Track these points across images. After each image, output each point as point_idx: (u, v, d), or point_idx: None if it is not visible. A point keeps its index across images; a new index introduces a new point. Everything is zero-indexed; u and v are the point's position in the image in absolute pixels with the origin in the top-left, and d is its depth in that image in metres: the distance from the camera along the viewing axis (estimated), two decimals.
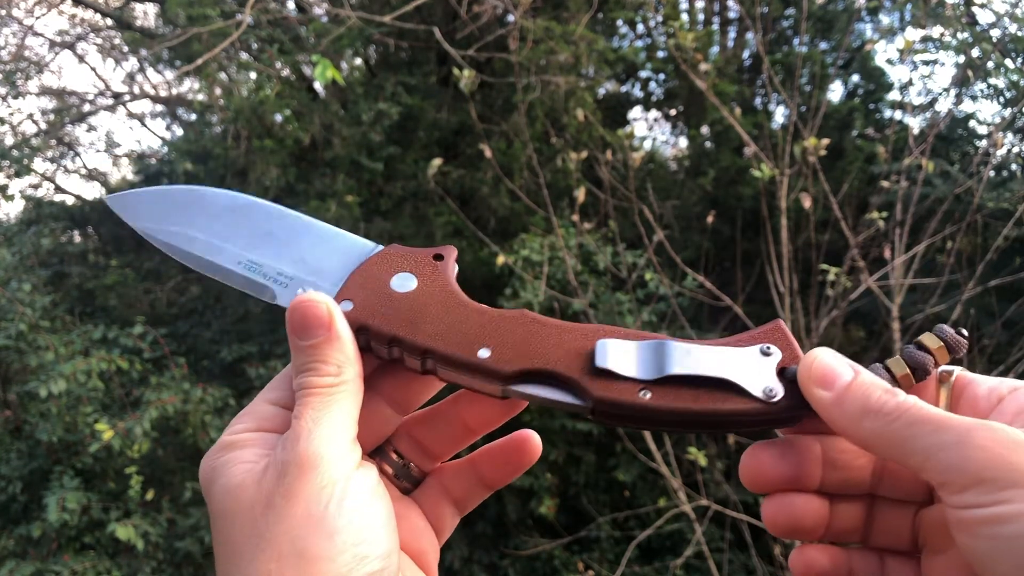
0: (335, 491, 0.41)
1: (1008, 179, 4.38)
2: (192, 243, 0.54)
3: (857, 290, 2.76)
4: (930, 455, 0.37)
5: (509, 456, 0.52)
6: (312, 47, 5.16)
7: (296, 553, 0.39)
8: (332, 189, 5.20)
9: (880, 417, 0.39)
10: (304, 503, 0.40)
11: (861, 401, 0.40)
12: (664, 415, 0.44)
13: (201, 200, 0.56)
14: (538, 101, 5.05)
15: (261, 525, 0.40)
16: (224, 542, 0.42)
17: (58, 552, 3.76)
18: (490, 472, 0.52)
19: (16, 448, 4.15)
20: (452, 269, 0.51)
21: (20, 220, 6.63)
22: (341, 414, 0.44)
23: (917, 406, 0.39)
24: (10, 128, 6.25)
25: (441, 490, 0.52)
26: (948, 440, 0.37)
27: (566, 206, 4.60)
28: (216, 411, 4.22)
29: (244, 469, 0.43)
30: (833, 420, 0.41)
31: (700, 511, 3.11)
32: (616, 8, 6.10)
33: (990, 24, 4.46)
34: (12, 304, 4.04)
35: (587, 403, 0.44)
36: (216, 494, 0.43)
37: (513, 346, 0.46)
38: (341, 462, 0.42)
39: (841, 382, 0.41)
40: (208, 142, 5.57)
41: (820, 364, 0.42)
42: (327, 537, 0.40)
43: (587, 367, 0.44)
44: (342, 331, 0.46)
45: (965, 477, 0.36)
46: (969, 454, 0.36)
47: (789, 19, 6.26)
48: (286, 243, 0.54)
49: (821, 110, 2.98)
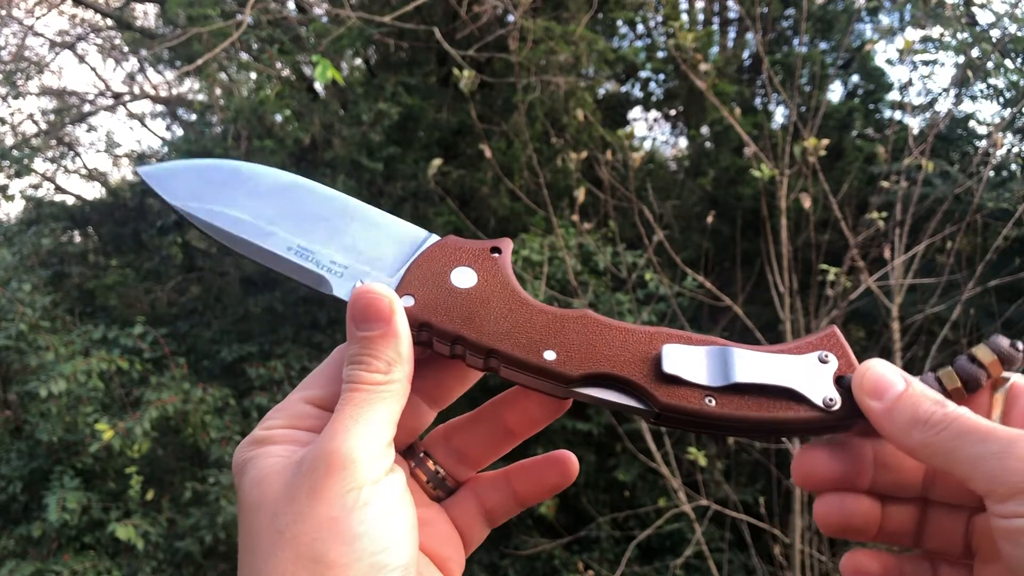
0: (361, 495, 0.40)
1: (1008, 179, 4.38)
2: (238, 225, 0.51)
3: (857, 290, 2.76)
4: (975, 465, 0.39)
5: (545, 473, 0.52)
6: (312, 47, 5.17)
7: (314, 557, 0.39)
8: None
9: (928, 428, 0.40)
10: (328, 504, 0.40)
11: (911, 412, 0.41)
12: (728, 422, 0.44)
13: (242, 177, 0.53)
14: (538, 101, 5.05)
15: (282, 522, 0.40)
16: (247, 535, 0.42)
17: (58, 552, 3.77)
18: (524, 488, 0.52)
19: (16, 448, 4.15)
20: (509, 263, 0.50)
21: (20, 220, 6.63)
22: (382, 415, 0.43)
23: (964, 417, 0.40)
24: (10, 128, 6.25)
25: (474, 500, 0.51)
26: (992, 450, 0.38)
27: (566, 206, 4.60)
28: (216, 411, 4.22)
29: (272, 463, 0.43)
30: (884, 429, 0.42)
31: (700, 511, 3.11)
32: (616, 8, 6.11)
33: (990, 24, 4.47)
34: (12, 304, 4.04)
35: (652, 408, 0.45)
36: (244, 486, 0.43)
37: (578, 349, 0.46)
38: (372, 465, 0.42)
39: (892, 393, 0.42)
40: (208, 142, 5.57)
41: (873, 375, 0.43)
42: (347, 542, 0.39)
43: (653, 372, 0.45)
44: (401, 328, 0.45)
45: (1007, 487, 0.37)
46: (1012, 464, 0.37)
47: (789, 19, 6.25)
48: (337, 228, 0.52)
49: (821, 110, 2.98)
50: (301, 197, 0.53)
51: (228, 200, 0.52)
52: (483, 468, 0.53)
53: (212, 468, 4.14)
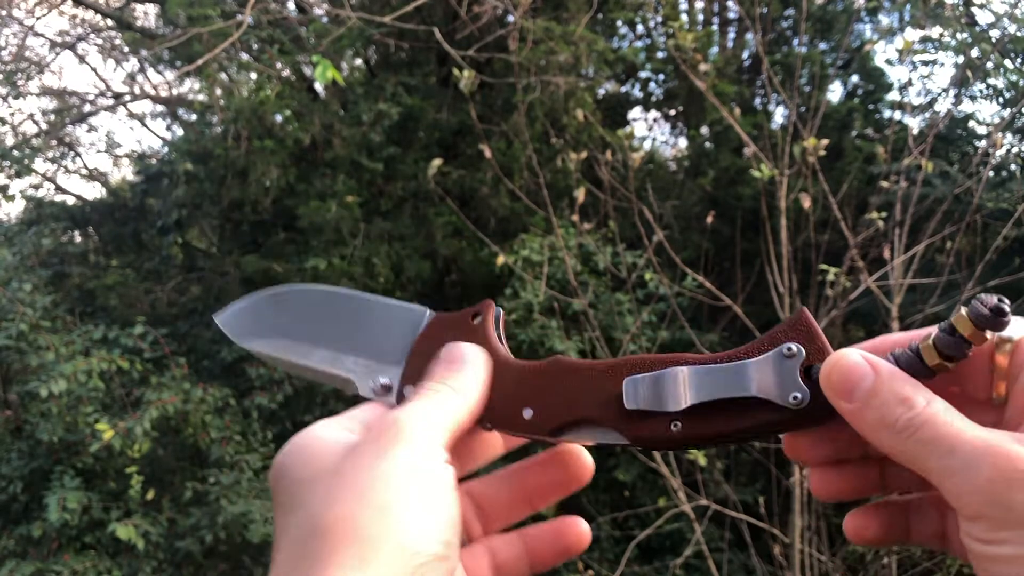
0: (424, 465, 0.41)
1: (1007, 179, 4.38)
2: (309, 356, 0.55)
3: (857, 290, 2.76)
4: (942, 478, 0.36)
5: (558, 537, 0.51)
6: (312, 47, 5.17)
7: (381, 504, 0.38)
8: (332, 189, 5.21)
9: (896, 433, 0.38)
10: (395, 465, 0.40)
11: (878, 413, 0.39)
12: (699, 441, 0.44)
13: (286, 302, 0.58)
14: (538, 101, 5.05)
15: (345, 473, 0.40)
16: (289, 506, 0.42)
17: (58, 552, 3.77)
18: (538, 549, 0.51)
19: (17, 448, 4.15)
20: (491, 325, 0.52)
21: (21, 220, 6.64)
22: (444, 409, 0.45)
23: (931, 421, 0.37)
24: (11, 128, 6.26)
25: (486, 554, 0.51)
26: (956, 466, 0.36)
27: (566, 206, 4.60)
28: (216, 411, 4.23)
29: (327, 442, 0.43)
30: (858, 430, 0.40)
31: (700, 511, 3.11)
32: (616, 8, 6.11)
33: (989, 24, 4.47)
34: (13, 304, 4.04)
35: (628, 440, 0.46)
36: (296, 466, 0.43)
37: (552, 401, 0.47)
38: (435, 447, 0.42)
39: (861, 391, 0.39)
40: (208, 142, 5.57)
41: (838, 373, 0.40)
42: (413, 499, 0.39)
43: (619, 410, 0.45)
44: (481, 366, 0.48)
45: (969, 509, 0.35)
46: (970, 487, 0.35)
47: (789, 19, 6.26)
48: (351, 329, 0.55)
49: (821, 110, 2.99)
50: (330, 307, 0.57)
51: (285, 331, 0.57)
52: (497, 531, 0.53)
53: (212, 468, 4.15)
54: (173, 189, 5.85)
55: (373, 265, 5.20)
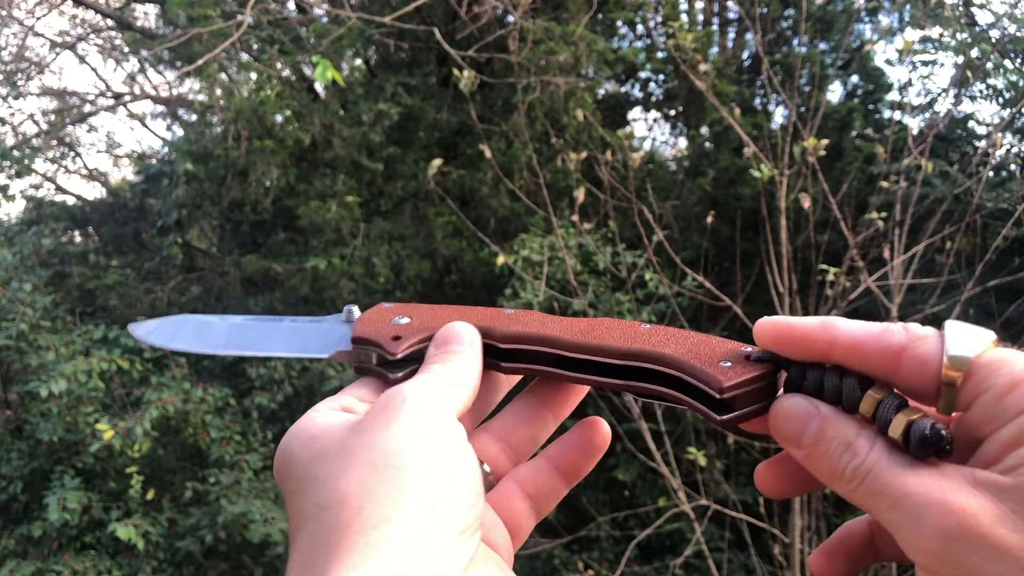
0: (432, 428, 0.41)
1: (1007, 179, 4.38)
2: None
3: (856, 290, 2.76)
4: (892, 530, 0.36)
5: (582, 442, 0.52)
6: (312, 47, 5.17)
7: (391, 467, 0.38)
8: (332, 189, 5.21)
9: (844, 483, 0.37)
10: (400, 432, 0.40)
11: (825, 463, 0.38)
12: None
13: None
14: (538, 101, 5.05)
15: (353, 446, 0.40)
16: (303, 480, 0.41)
17: (59, 552, 3.77)
18: (566, 463, 0.52)
19: (17, 448, 4.15)
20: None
21: (21, 220, 6.64)
22: (448, 384, 0.45)
23: (873, 473, 0.36)
24: (11, 128, 6.26)
25: (517, 491, 0.51)
26: (903, 521, 0.35)
27: (566, 206, 4.61)
28: (216, 411, 4.23)
29: (330, 422, 0.43)
30: (814, 474, 0.40)
31: (700, 511, 3.11)
32: (616, 8, 6.11)
33: (989, 25, 4.47)
34: (13, 304, 4.05)
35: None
36: (299, 450, 0.43)
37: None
38: (438, 410, 0.42)
39: (807, 438, 0.39)
40: (208, 142, 5.57)
41: (783, 421, 0.40)
42: (424, 459, 0.39)
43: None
44: (476, 350, 0.48)
45: (920, 563, 0.35)
46: (919, 543, 0.34)
47: (789, 19, 6.26)
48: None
49: (820, 110, 2.99)
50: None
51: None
52: (525, 458, 0.53)
53: (212, 468, 4.15)
54: (173, 189, 5.85)
55: (373, 265, 5.20)
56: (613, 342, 0.48)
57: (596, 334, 0.49)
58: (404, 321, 0.51)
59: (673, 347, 0.46)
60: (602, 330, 0.49)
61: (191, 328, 0.60)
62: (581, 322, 0.50)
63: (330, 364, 4.40)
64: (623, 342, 0.48)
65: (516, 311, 0.52)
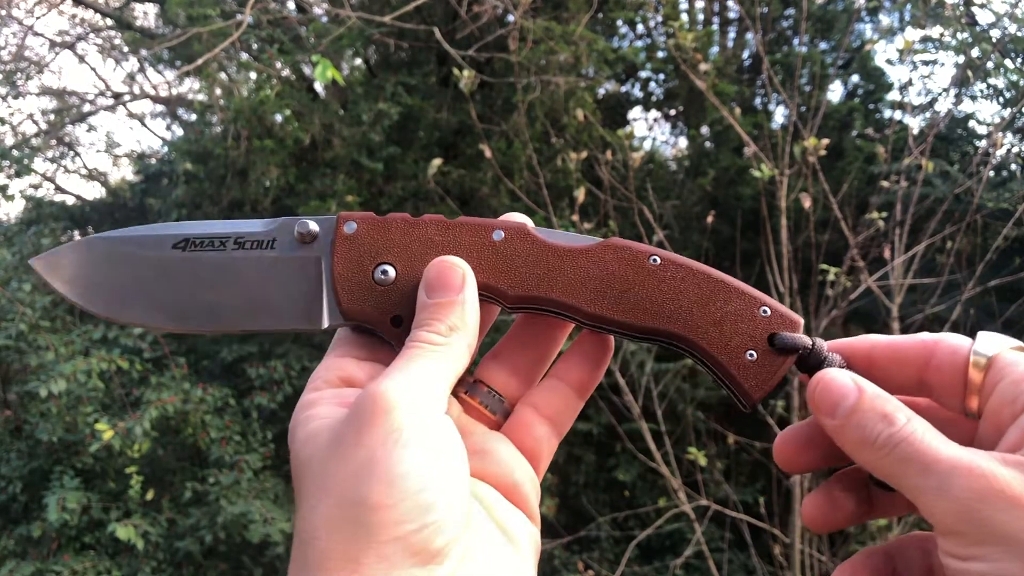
0: (402, 436, 0.40)
1: (1008, 179, 4.38)
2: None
3: (857, 290, 2.76)
4: (917, 496, 0.38)
5: (587, 351, 0.52)
6: (312, 47, 5.17)
7: (355, 499, 0.38)
8: (332, 189, 5.20)
9: (875, 450, 0.39)
10: (369, 447, 0.39)
11: (859, 430, 0.40)
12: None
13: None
14: (538, 101, 5.05)
15: (330, 466, 0.40)
16: (299, 494, 0.41)
17: (58, 552, 3.77)
18: (577, 378, 0.51)
19: (16, 448, 4.15)
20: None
21: (20, 220, 6.64)
22: (433, 371, 0.43)
23: (908, 440, 0.38)
24: (10, 128, 6.26)
25: (532, 412, 0.51)
26: (930, 485, 0.37)
27: (566, 206, 4.60)
28: (216, 411, 4.22)
29: (320, 422, 0.43)
30: (839, 444, 0.42)
31: (700, 511, 3.11)
32: (616, 8, 6.11)
33: (990, 24, 4.47)
34: (12, 304, 4.04)
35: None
36: (296, 449, 0.43)
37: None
38: (415, 410, 0.41)
39: (843, 408, 0.41)
40: (208, 142, 5.57)
41: (822, 390, 0.42)
42: (388, 483, 0.38)
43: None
44: (469, 299, 0.46)
45: (945, 525, 0.36)
46: (945, 505, 0.36)
47: (789, 19, 6.25)
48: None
49: (821, 110, 2.99)
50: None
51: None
52: (536, 381, 0.53)
53: (212, 468, 4.14)
54: (173, 189, 5.85)
55: None
56: (635, 318, 0.47)
57: (615, 302, 0.47)
58: (389, 276, 0.48)
59: (696, 320, 0.46)
60: (614, 285, 0.47)
61: (104, 271, 0.49)
62: (588, 261, 0.48)
63: None
64: (645, 315, 0.47)
65: (507, 234, 0.48)
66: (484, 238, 0.48)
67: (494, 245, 0.48)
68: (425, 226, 0.48)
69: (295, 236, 0.49)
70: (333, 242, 0.48)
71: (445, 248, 0.48)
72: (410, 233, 0.48)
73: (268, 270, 0.48)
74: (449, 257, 0.47)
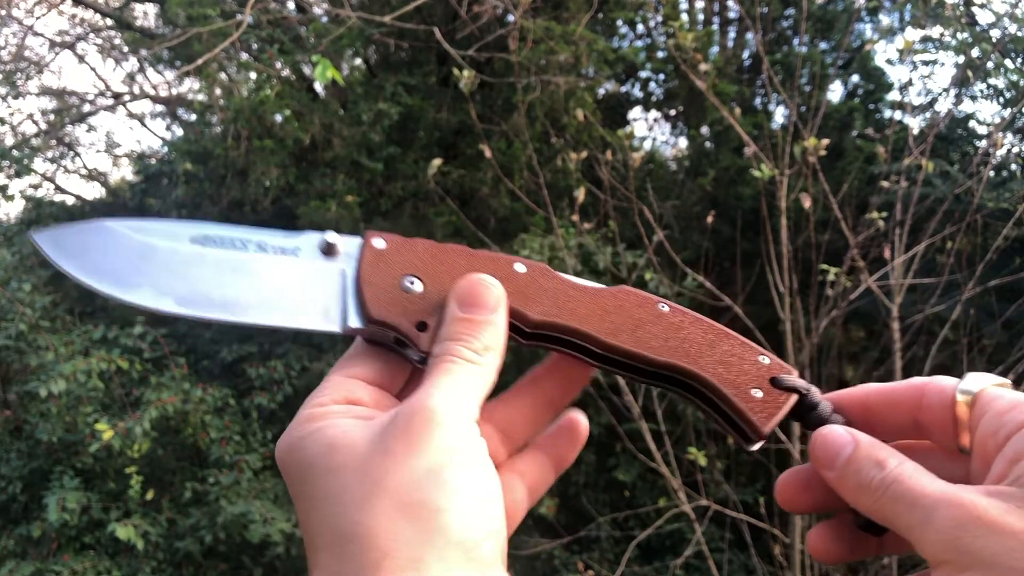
0: (459, 451, 0.40)
1: (1008, 179, 4.38)
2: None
3: (857, 290, 2.76)
4: (908, 531, 0.39)
5: (570, 434, 0.53)
6: (312, 47, 5.17)
7: (418, 503, 0.38)
8: (332, 189, 5.20)
9: (870, 494, 0.41)
10: (428, 457, 0.39)
11: (855, 479, 0.42)
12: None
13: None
14: (538, 101, 5.05)
15: (375, 473, 0.39)
16: (325, 499, 0.40)
17: (58, 552, 3.77)
18: (556, 455, 0.53)
19: (16, 448, 4.15)
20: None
21: (20, 220, 6.64)
22: (472, 388, 0.44)
23: (898, 480, 0.40)
24: (10, 128, 6.26)
25: (516, 478, 0.51)
26: (917, 519, 0.39)
27: (566, 206, 4.60)
28: (216, 411, 4.22)
29: (344, 431, 0.42)
30: (840, 493, 0.44)
31: (700, 511, 3.10)
32: (616, 8, 6.11)
33: (990, 24, 4.47)
34: (12, 304, 4.04)
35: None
36: (317, 456, 0.41)
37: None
38: (466, 428, 0.42)
39: (840, 459, 0.43)
40: (208, 142, 5.57)
41: (821, 444, 0.44)
42: (454, 491, 0.39)
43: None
44: (501, 321, 0.47)
45: (932, 557, 0.38)
46: (931, 536, 0.38)
47: (789, 19, 6.26)
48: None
49: (821, 110, 2.98)
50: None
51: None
52: (519, 448, 0.54)
53: (212, 468, 4.14)
54: (173, 189, 5.86)
55: None
56: (649, 350, 0.48)
57: (632, 333, 0.48)
58: (416, 287, 0.48)
59: (704, 358, 0.49)
60: (628, 320, 0.49)
61: (113, 254, 0.48)
62: (605, 299, 0.49)
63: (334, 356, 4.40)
64: (658, 350, 0.48)
65: (530, 270, 0.50)
66: (507, 268, 0.50)
67: (517, 275, 0.49)
68: (451, 252, 0.50)
69: (319, 247, 0.49)
70: (361, 252, 0.49)
71: (470, 272, 0.48)
72: (436, 256, 0.49)
73: (288, 272, 0.48)
74: (485, 275, 0.47)
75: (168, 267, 0.47)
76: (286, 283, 0.48)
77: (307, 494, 0.41)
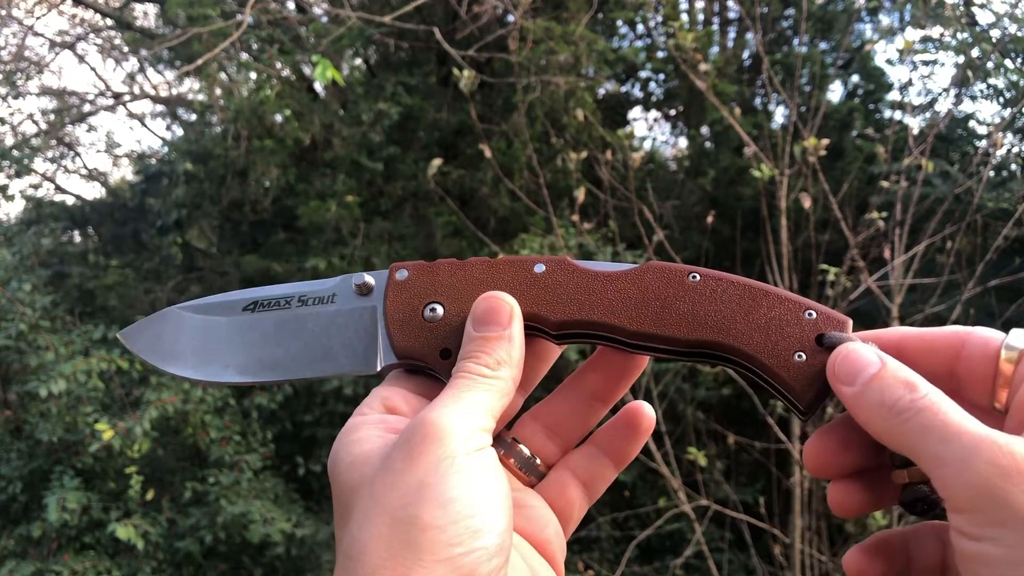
0: (454, 463, 0.41)
1: (1008, 179, 4.37)
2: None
3: (857, 290, 2.76)
4: (935, 465, 0.36)
5: (629, 426, 0.52)
6: (312, 47, 5.16)
7: (407, 519, 0.39)
8: (332, 189, 5.20)
9: (894, 415, 0.38)
10: (422, 470, 0.40)
11: (879, 395, 0.39)
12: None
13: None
14: (538, 101, 5.05)
15: (378, 490, 0.40)
16: (345, 515, 0.42)
17: (58, 552, 3.77)
18: (615, 449, 0.52)
19: (16, 448, 4.15)
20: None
21: (20, 220, 6.63)
22: (481, 402, 0.44)
23: (931, 408, 0.37)
24: (10, 128, 6.25)
25: (569, 476, 0.52)
26: (952, 455, 0.35)
27: (566, 206, 4.60)
28: (216, 411, 4.22)
29: (368, 447, 0.44)
30: (855, 414, 0.41)
31: (700, 511, 3.11)
32: (616, 8, 6.10)
33: (990, 24, 4.47)
34: (12, 304, 4.04)
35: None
36: (342, 473, 0.44)
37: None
38: (466, 440, 0.42)
39: (864, 376, 0.40)
40: (208, 142, 5.57)
41: (843, 360, 0.42)
42: (440, 506, 0.39)
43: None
44: (516, 334, 0.47)
45: (960, 501, 0.35)
46: (966, 478, 0.34)
47: (789, 19, 6.25)
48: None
49: (821, 110, 2.99)
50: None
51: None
52: (574, 445, 0.54)
53: (212, 468, 4.14)
54: (173, 189, 5.85)
55: (373, 265, 5.19)
56: (676, 331, 0.47)
57: (657, 317, 0.47)
58: (438, 313, 0.49)
59: (740, 328, 0.46)
60: (653, 302, 0.48)
61: (183, 336, 0.53)
62: (629, 283, 0.48)
63: None
64: (686, 329, 0.47)
65: (549, 267, 0.50)
66: (526, 272, 0.50)
67: (536, 277, 0.50)
68: (471, 267, 0.51)
69: (353, 289, 0.52)
70: (386, 289, 0.51)
71: (490, 284, 0.50)
72: (457, 274, 0.50)
73: (328, 321, 0.52)
74: (498, 292, 0.48)
75: (229, 340, 0.53)
76: (326, 332, 0.52)
77: (337, 507, 0.44)
